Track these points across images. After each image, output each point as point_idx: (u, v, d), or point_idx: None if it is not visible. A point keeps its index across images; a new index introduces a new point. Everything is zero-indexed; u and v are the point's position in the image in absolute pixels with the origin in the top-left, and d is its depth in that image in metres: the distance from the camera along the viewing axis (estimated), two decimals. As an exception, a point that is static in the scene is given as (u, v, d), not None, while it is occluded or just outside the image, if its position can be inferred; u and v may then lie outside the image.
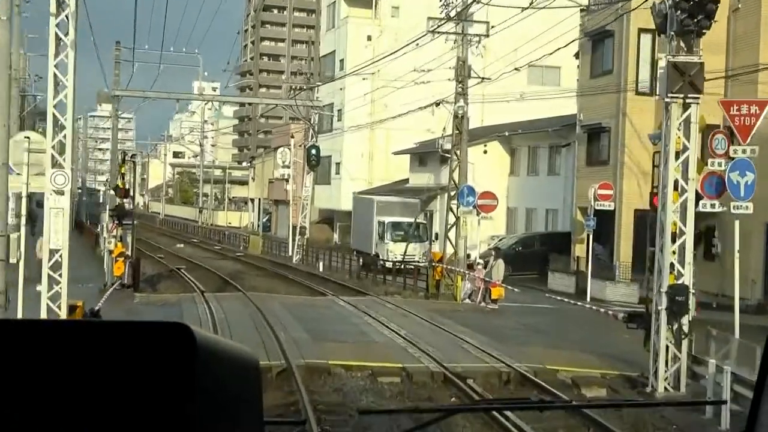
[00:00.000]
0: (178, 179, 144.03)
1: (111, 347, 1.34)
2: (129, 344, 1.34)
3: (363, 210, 51.66)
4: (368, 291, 36.16)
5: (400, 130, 70.34)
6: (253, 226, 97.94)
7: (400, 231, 46.56)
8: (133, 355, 1.32)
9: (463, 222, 34.32)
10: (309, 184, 53.48)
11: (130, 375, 1.31)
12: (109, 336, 1.36)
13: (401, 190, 65.17)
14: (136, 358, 1.32)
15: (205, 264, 47.55)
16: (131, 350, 1.33)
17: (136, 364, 1.32)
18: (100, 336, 1.36)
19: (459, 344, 22.86)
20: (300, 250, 53.10)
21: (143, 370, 1.31)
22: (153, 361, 1.31)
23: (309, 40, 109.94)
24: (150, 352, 1.32)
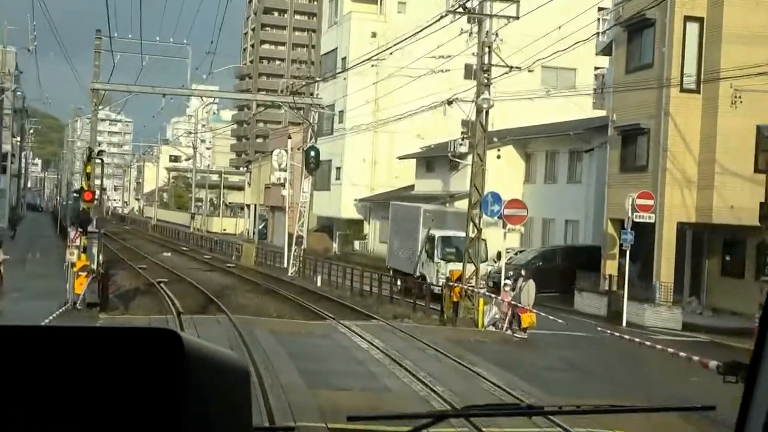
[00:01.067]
0: (173, 184, 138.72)
1: (100, 353, 1.32)
2: (118, 350, 1.32)
3: (404, 221, 41.84)
4: (373, 313, 30.86)
5: (404, 134, 65.23)
6: (248, 233, 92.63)
7: (454, 248, 36.53)
8: (121, 360, 1.31)
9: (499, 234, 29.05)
10: (307, 190, 48.20)
11: (119, 380, 1.30)
12: (97, 342, 1.34)
13: (406, 197, 59.89)
14: (124, 364, 1.31)
15: (190, 277, 42.21)
16: (120, 356, 1.31)
17: (124, 369, 1.30)
18: (88, 342, 1.34)
19: (495, 393, 17.58)
20: (296, 261, 47.80)
21: (132, 375, 1.30)
22: (141, 367, 1.30)
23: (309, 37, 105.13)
24: (139, 357, 1.31)
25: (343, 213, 66.41)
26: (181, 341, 1.33)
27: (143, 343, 1.34)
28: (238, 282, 42.03)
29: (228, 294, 35.58)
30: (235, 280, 42.93)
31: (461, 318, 28.70)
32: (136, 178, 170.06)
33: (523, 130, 54.74)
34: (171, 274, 43.79)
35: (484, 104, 28.86)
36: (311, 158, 46.10)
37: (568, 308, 36.01)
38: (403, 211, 43.13)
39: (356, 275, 40.43)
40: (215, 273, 46.60)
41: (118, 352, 1.34)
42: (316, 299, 35.42)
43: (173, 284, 38.52)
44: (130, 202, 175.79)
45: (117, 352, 1.34)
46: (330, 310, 31.38)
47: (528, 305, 26.56)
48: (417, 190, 60.42)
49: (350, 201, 66.07)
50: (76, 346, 1.36)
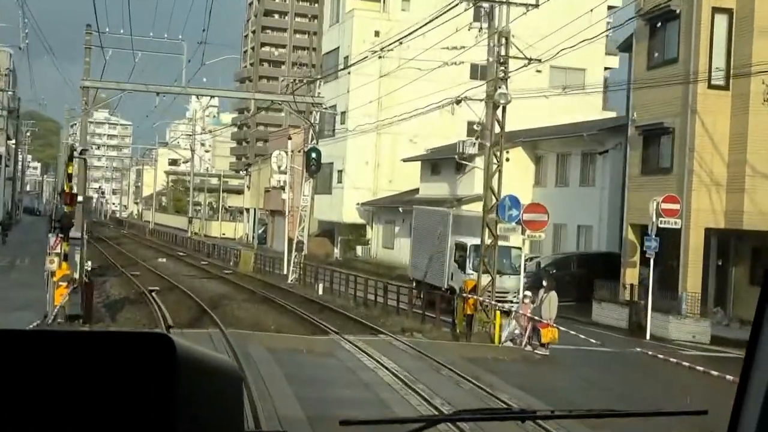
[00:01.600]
0: (172, 187, 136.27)
1: (92, 356, 1.32)
2: (110, 354, 1.32)
3: (429, 227, 36.65)
4: (380, 326, 28.35)
5: (408, 137, 62.79)
6: (248, 238, 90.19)
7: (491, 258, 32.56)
8: (113, 364, 1.31)
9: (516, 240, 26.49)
10: (308, 193, 45.73)
11: (111, 384, 1.30)
12: (89, 345, 1.34)
13: (410, 201, 57.43)
14: (116, 368, 1.30)
15: (184, 285, 39.71)
16: (112, 360, 1.31)
17: (116, 373, 1.30)
18: (81, 345, 1.34)
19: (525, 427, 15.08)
20: (297, 268, 45.30)
21: (124, 379, 1.30)
22: (134, 371, 1.30)
23: (310, 40, 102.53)
24: (131, 361, 1.30)
25: (345, 217, 63.97)
26: (173, 345, 1.30)
27: (135, 347, 1.31)
28: (234, 291, 39.53)
29: (223, 304, 33.08)
30: (231, 289, 40.42)
31: (475, 333, 26.17)
32: (135, 182, 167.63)
33: (533, 131, 52.27)
34: (164, 281, 41.29)
35: (501, 99, 26.34)
36: (312, 160, 43.64)
37: (586, 319, 33.57)
38: (428, 216, 37.98)
39: (360, 283, 37.90)
40: (211, 281, 44.09)
41: (110, 356, 1.31)
42: (318, 310, 32.92)
43: (166, 293, 36.04)
44: (129, 206, 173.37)
45: (109, 355, 1.31)
46: (333, 323, 28.89)
47: (549, 319, 24.08)
48: (422, 193, 57.97)
49: (352, 205, 63.62)
50: (68, 350, 1.33)
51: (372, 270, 56.01)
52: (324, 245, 67.80)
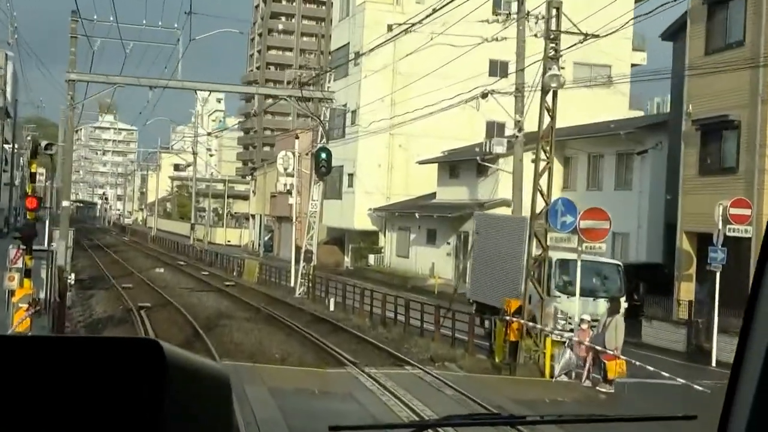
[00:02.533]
0: (176, 193, 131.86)
1: (80, 362, 1.30)
2: (98, 360, 1.31)
3: (496, 237, 28.11)
4: (404, 353, 23.76)
5: (423, 138, 58.21)
6: (253, 245, 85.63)
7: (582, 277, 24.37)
8: (102, 370, 1.29)
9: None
10: (317, 197, 41.12)
11: (99, 390, 1.28)
12: (78, 351, 1.33)
13: (426, 206, 52.87)
14: (105, 374, 1.29)
15: (179, 300, 35.16)
16: (100, 366, 1.30)
17: (105, 379, 1.29)
18: (68, 351, 1.33)
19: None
20: (305, 280, 40.69)
21: (112, 385, 1.28)
22: (122, 377, 1.28)
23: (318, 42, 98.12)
24: (119, 367, 1.29)
25: (356, 224, 59.35)
26: (162, 351, 1.29)
27: (124, 353, 1.30)
28: (235, 307, 34.90)
29: (221, 324, 28.48)
30: (232, 305, 35.80)
31: (521, 363, 21.51)
32: (140, 187, 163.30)
33: (561, 131, 47.45)
34: (158, 296, 36.74)
35: (552, 82, 21.67)
36: (322, 161, 39.04)
37: (635, 340, 28.87)
38: (495, 224, 29.78)
39: (376, 298, 33.22)
40: (210, 294, 39.44)
41: (98, 362, 1.30)
42: (330, 331, 28.31)
43: (157, 311, 31.52)
44: (134, 212, 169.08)
45: (98, 361, 1.30)
46: (349, 349, 24.31)
47: (616, 349, 19.47)
48: (439, 198, 53.39)
49: (364, 211, 59.03)
50: (56, 355, 1.32)
51: (386, 280, 51.40)
52: (333, 253, 63.18)
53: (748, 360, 1.94)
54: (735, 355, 1.97)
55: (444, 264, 49.68)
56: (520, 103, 37.19)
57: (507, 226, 27.92)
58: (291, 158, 43.27)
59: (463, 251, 48.23)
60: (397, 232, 57.11)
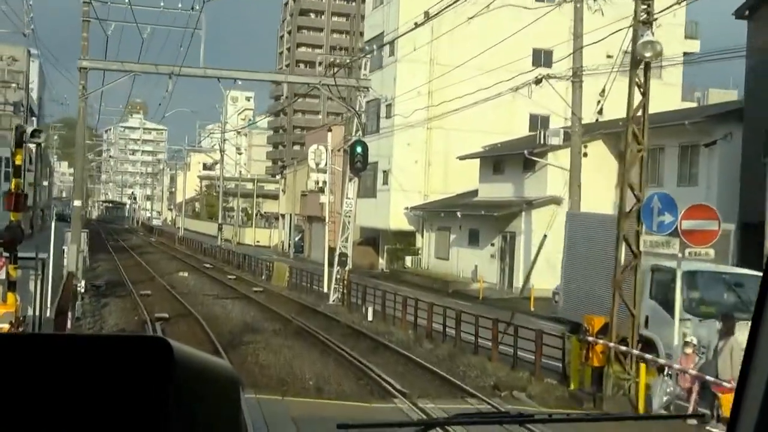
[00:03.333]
0: (205, 192, 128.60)
1: (88, 360, 1.29)
2: (106, 358, 1.30)
3: (596, 242, 22.66)
4: (460, 378, 19.87)
5: (461, 132, 54.26)
6: (283, 246, 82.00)
7: (718, 293, 20.47)
8: (110, 368, 1.28)
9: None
10: (352, 195, 37.23)
11: (107, 388, 1.28)
12: (86, 349, 1.32)
13: (468, 205, 48.90)
14: (113, 372, 1.28)
15: (201, 310, 31.46)
16: (108, 363, 1.29)
17: (113, 377, 1.28)
18: (77, 349, 1.32)
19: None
20: (340, 285, 36.85)
21: (121, 383, 1.27)
22: (130, 375, 1.27)
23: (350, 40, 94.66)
24: (128, 365, 1.28)
25: (392, 223, 55.47)
26: (171, 349, 1.27)
27: (133, 351, 1.29)
28: (263, 318, 31.07)
29: (245, 342, 24.67)
30: (259, 315, 31.98)
31: (608, 395, 17.49)
32: (169, 187, 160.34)
33: (613, 123, 43.34)
34: (178, 305, 33.06)
35: (646, 51, 17.64)
36: (358, 156, 35.21)
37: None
38: (594, 225, 23.59)
39: (421, 308, 29.27)
40: (237, 302, 35.64)
41: (107, 360, 1.29)
42: (371, 349, 24.43)
43: (175, 323, 27.80)
44: (163, 212, 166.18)
45: (106, 359, 1.29)
46: (395, 372, 20.45)
47: (733, 379, 15.49)
48: (481, 196, 49.39)
49: (400, 209, 55.16)
50: (64, 353, 1.31)
51: (425, 284, 47.49)
52: (367, 255, 59.37)
53: (758, 359, 1.93)
54: (744, 355, 1.94)
55: (487, 267, 45.70)
56: (578, 89, 33.20)
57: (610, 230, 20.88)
58: (323, 152, 39.37)
59: (509, 253, 44.29)
60: (435, 232, 53.19)
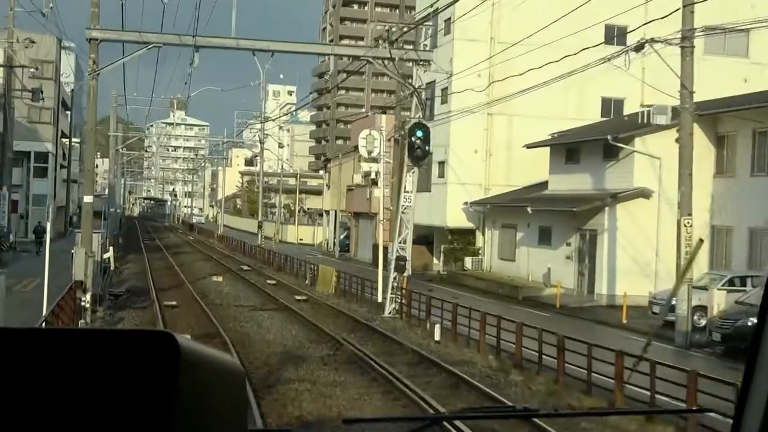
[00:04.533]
0: (246, 188, 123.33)
1: (94, 355, 1.29)
2: (113, 352, 1.29)
3: None
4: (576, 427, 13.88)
5: (525, 118, 48.07)
6: (327, 244, 76.18)
7: None
8: (116, 362, 1.28)
9: None
10: (411, 189, 31.13)
11: (114, 382, 1.27)
12: (92, 343, 1.32)
13: (539, 199, 42.67)
14: (119, 366, 1.28)
15: (232, 327, 25.64)
16: (115, 358, 1.28)
17: (119, 371, 1.28)
18: (83, 343, 1.32)
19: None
20: (397, 294, 30.81)
21: (126, 377, 1.27)
22: (137, 369, 1.27)
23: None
24: (134, 360, 1.28)
25: (450, 220, 49.32)
26: (176, 343, 1.26)
27: (138, 345, 1.28)
28: (307, 338, 24.98)
29: (285, 379, 18.67)
30: (303, 333, 25.93)
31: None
32: (211, 183, 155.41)
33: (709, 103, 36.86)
34: (205, 320, 27.23)
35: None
36: (418, 141, 29.22)
37: None
38: None
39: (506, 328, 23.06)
40: (276, 316, 29.66)
41: (112, 354, 1.28)
42: (450, 386, 18.28)
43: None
44: (204, 209, 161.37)
45: (112, 354, 1.28)
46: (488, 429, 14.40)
47: None
48: (552, 188, 43.13)
49: (458, 205, 49.00)
50: (70, 348, 1.30)
51: (489, 289, 41.39)
52: (421, 255, 53.17)
53: (763, 354, 1.92)
54: (750, 350, 1.93)
55: (562, 269, 39.44)
56: (689, 56, 26.89)
57: None
58: (376, 138, 33.12)
59: (589, 254, 38.02)
60: (499, 230, 46.99)
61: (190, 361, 1.28)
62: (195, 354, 1.31)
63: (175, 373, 1.25)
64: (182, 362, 1.26)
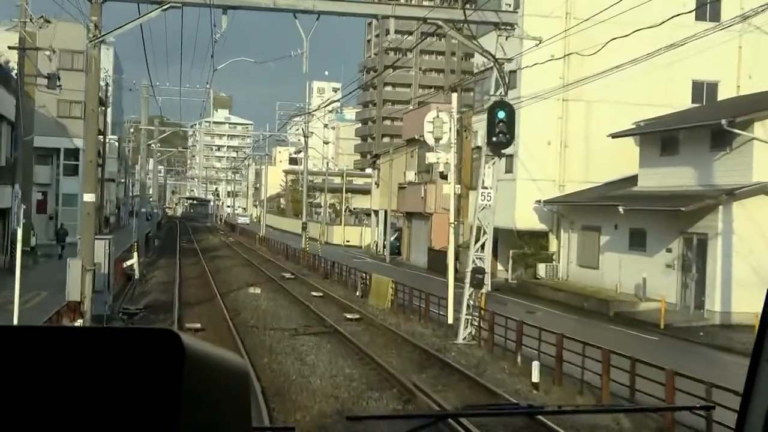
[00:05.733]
0: (290, 187, 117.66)
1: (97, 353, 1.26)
2: (115, 350, 1.26)
3: None
4: None
5: (607, 105, 41.53)
6: (377, 246, 70.00)
7: None
8: (120, 361, 1.25)
9: None
10: (490, 184, 24.71)
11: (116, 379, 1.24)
12: (95, 341, 1.29)
13: (627, 197, 36.06)
14: (123, 364, 1.25)
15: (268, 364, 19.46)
16: (118, 356, 1.25)
17: (122, 370, 1.25)
18: (86, 341, 1.29)
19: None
20: (473, 316, 24.36)
21: (130, 376, 1.24)
22: (140, 367, 1.24)
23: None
24: (137, 358, 1.25)
25: (519, 221, 42.78)
26: (180, 341, 1.23)
27: (142, 343, 1.25)
28: (366, 380, 18.49)
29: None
30: (359, 371, 19.46)
31: None
32: (254, 183, 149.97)
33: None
34: (230, 347, 21.14)
35: None
36: (500, 123, 22.86)
37: None
38: None
39: (625, 370, 16.57)
40: (323, 343, 23.25)
41: (116, 352, 1.25)
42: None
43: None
44: (248, 208, 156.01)
45: (115, 352, 1.25)
46: None
47: None
48: (642, 185, 36.49)
49: (528, 204, 42.47)
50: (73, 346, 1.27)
51: (572, 303, 34.92)
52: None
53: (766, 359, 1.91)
54: (753, 348, 1.94)
55: (660, 279, 32.79)
56: None
57: None
58: (446, 122, 26.49)
59: (697, 262, 31.34)
60: (578, 232, 40.38)
61: (194, 359, 1.24)
62: (199, 352, 1.27)
63: (179, 371, 1.21)
64: (186, 361, 1.22)
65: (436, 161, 28.18)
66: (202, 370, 1.28)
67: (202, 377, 1.28)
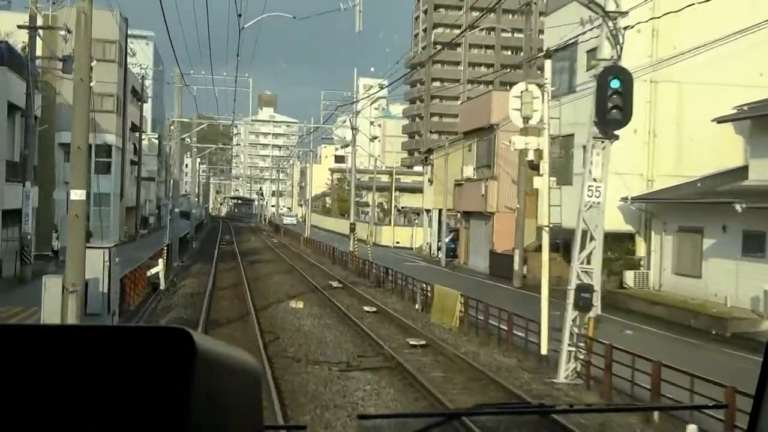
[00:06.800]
0: (336, 186, 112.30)
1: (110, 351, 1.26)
2: (128, 348, 1.26)
3: None
4: None
5: (702, 87, 35.38)
6: (430, 248, 64.21)
7: None
8: (131, 358, 1.25)
9: None
10: (598, 174, 18.81)
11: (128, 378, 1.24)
12: (109, 340, 1.29)
13: (737, 192, 29.89)
14: (134, 362, 1.25)
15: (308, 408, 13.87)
16: (131, 354, 1.25)
17: (134, 367, 1.25)
18: (100, 340, 1.29)
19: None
20: (577, 348, 18.50)
21: (142, 373, 1.24)
22: (153, 365, 1.24)
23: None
24: (150, 356, 1.25)
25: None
26: (192, 340, 1.23)
27: (154, 342, 1.25)
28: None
29: None
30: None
31: None
32: (299, 181, 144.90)
33: None
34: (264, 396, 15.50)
35: None
36: (614, 95, 17.09)
37: None
38: None
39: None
40: (382, 386, 17.37)
41: (128, 350, 1.25)
42: None
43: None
44: (293, 208, 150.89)
45: (127, 350, 1.25)
46: None
47: None
48: (755, 177, 30.25)
49: (611, 201, 36.30)
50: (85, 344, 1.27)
51: (674, 319, 28.83)
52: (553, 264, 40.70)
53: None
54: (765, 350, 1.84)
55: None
56: None
57: None
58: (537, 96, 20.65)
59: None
60: (674, 234, 34.22)
61: (206, 358, 1.24)
62: (211, 351, 1.27)
63: (191, 370, 1.21)
64: (198, 359, 1.22)
65: (524, 146, 22.30)
66: (214, 369, 1.26)
67: (214, 376, 1.26)
